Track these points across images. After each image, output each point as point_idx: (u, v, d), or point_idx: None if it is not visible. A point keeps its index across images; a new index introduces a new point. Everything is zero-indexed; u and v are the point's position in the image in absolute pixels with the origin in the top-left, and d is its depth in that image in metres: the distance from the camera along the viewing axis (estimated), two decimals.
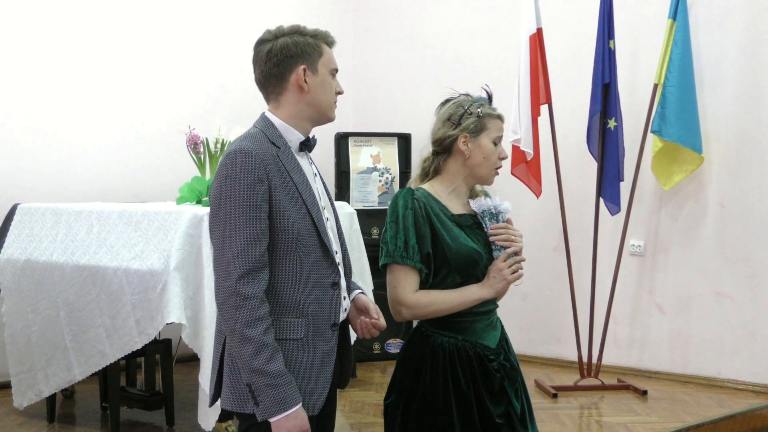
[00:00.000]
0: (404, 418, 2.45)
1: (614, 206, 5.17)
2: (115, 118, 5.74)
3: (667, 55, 5.11)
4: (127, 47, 5.79)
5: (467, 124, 2.49)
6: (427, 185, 2.52)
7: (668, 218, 5.54)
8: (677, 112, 5.07)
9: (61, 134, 5.51)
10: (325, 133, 5.85)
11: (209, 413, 3.85)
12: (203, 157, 4.76)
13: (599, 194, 5.22)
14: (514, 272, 2.46)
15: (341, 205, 5.08)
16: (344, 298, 2.33)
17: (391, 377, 2.55)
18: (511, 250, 2.46)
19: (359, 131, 6.38)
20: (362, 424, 4.58)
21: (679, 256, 5.49)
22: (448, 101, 2.58)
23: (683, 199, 5.46)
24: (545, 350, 5.94)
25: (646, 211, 5.56)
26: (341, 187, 6.03)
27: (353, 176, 6.03)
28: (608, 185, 5.16)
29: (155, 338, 4.14)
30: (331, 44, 2.31)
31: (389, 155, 6.10)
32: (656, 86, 5.14)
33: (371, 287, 5.06)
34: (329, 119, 2.34)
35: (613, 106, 5.09)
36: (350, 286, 2.41)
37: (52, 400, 4.54)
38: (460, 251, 2.42)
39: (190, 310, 3.90)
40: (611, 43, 5.09)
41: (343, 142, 6.06)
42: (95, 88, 5.65)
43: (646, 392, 5.11)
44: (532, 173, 5.15)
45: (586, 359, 5.29)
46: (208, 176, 4.68)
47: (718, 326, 5.36)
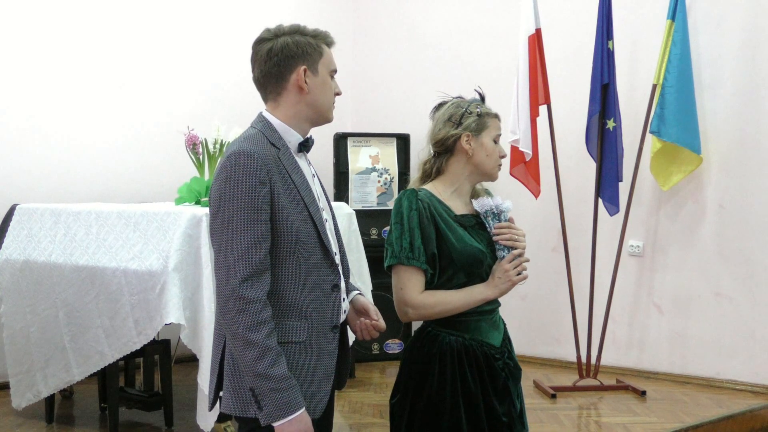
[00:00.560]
0: (411, 417, 2.46)
1: (613, 207, 5.17)
2: (114, 118, 5.74)
3: (665, 55, 5.11)
4: (126, 48, 5.79)
5: (468, 123, 2.52)
6: (429, 186, 2.53)
7: (667, 219, 5.54)
8: (676, 112, 5.07)
9: (60, 134, 5.51)
10: (324, 133, 5.88)
11: (208, 414, 3.86)
12: (202, 157, 4.76)
13: (598, 195, 5.22)
14: (518, 273, 2.49)
15: (340, 205, 5.08)
16: (343, 299, 2.33)
17: (396, 377, 2.55)
18: (517, 251, 2.49)
19: (358, 132, 6.38)
20: (361, 424, 4.57)
21: (678, 256, 5.50)
22: (442, 104, 2.60)
23: (682, 199, 5.47)
24: (544, 350, 5.94)
25: (644, 211, 5.56)
26: (340, 187, 6.03)
27: (352, 177, 6.03)
28: (607, 186, 5.16)
29: (154, 339, 4.14)
30: (330, 45, 2.30)
31: (388, 156, 6.10)
32: (655, 87, 5.14)
33: (370, 288, 5.04)
34: (328, 120, 2.32)
35: (611, 106, 5.10)
36: (348, 287, 2.40)
37: (50, 400, 4.54)
38: (465, 251, 2.44)
39: (188, 310, 3.90)
40: (610, 43, 5.09)
41: (341, 142, 6.06)
42: (95, 88, 5.65)
43: (644, 393, 5.11)
44: (530, 174, 5.15)
45: (584, 359, 5.29)
46: (206, 177, 4.68)
47: (717, 327, 5.36)
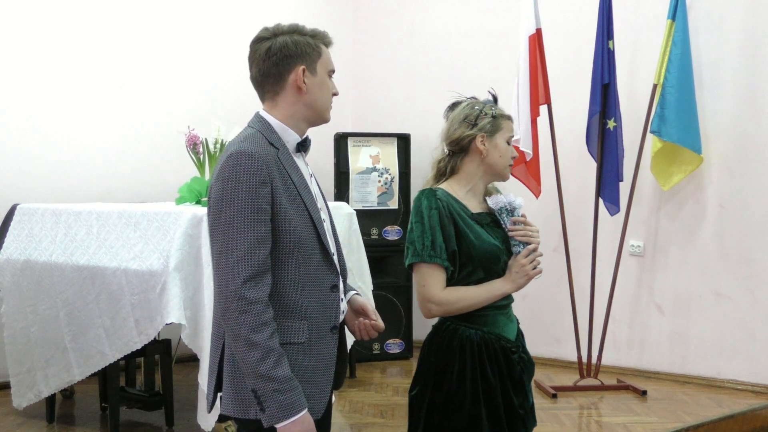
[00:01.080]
0: (430, 408, 2.52)
1: (613, 207, 5.17)
2: (114, 118, 5.74)
3: (666, 55, 5.11)
4: (126, 48, 5.79)
5: (483, 124, 2.58)
6: (445, 185, 2.59)
7: (667, 218, 5.54)
8: (676, 112, 5.07)
9: (60, 134, 5.51)
10: (324, 133, 5.88)
11: (208, 414, 3.85)
12: (202, 157, 4.76)
13: (598, 195, 5.22)
14: (534, 268, 2.58)
15: (340, 205, 5.08)
16: (342, 300, 2.32)
17: (415, 370, 2.61)
18: (532, 246, 2.58)
19: (358, 132, 6.38)
20: (362, 424, 4.58)
21: (678, 256, 5.49)
22: (456, 104, 2.66)
23: (682, 199, 5.47)
24: (545, 350, 5.93)
25: (645, 211, 5.56)
26: (340, 187, 6.03)
27: (352, 176, 6.03)
28: (607, 186, 5.16)
29: (155, 338, 4.14)
30: (328, 45, 2.30)
31: (388, 155, 6.10)
32: (655, 86, 5.14)
33: (371, 287, 5.05)
34: (325, 120, 2.32)
35: (612, 106, 5.10)
36: (345, 287, 2.40)
37: (51, 400, 4.54)
38: (483, 248, 2.51)
39: (189, 310, 3.90)
40: (610, 43, 5.09)
41: (342, 142, 6.06)
42: (95, 88, 5.65)
43: (645, 392, 5.11)
44: (531, 173, 5.15)
45: (585, 359, 5.29)
46: (207, 176, 4.68)
47: (717, 326, 5.36)
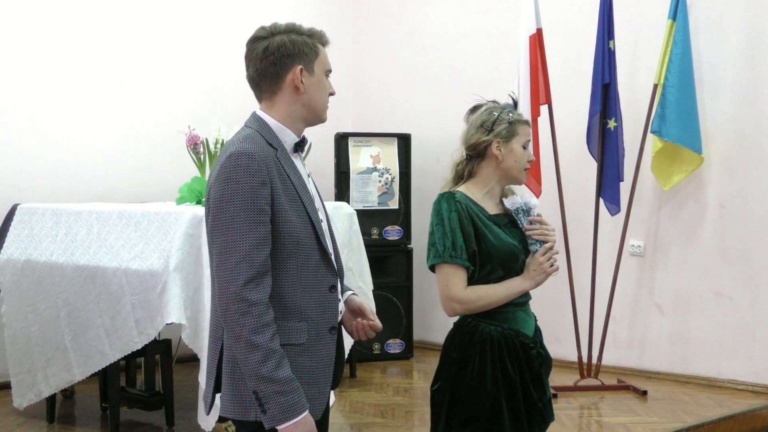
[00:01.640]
0: (451, 403, 2.57)
1: (614, 206, 5.17)
2: (114, 118, 5.75)
3: (666, 55, 5.11)
4: (126, 48, 5.79)
5: (499, 130, 2.64)
6: (463, 188, 2.66)
7: (668, 218, 5.54)
8: (677, 112, 5.07)
9: (61, 134, 5.51)
10: (324, 133, 5.89)
11: (208, 413, 3.85)
12: (203, 157, 4.76)
13: (599, 194, 5.22)
14: (551, 265, 2.64)
15: (341, 205, 5.08)
16: (339, 300, 2.32)
17: (437, 366, 2.66)
18: (549, 245, 2.64)
19: (359, 131, 6.37)
20: (362, 424, 4.58)
21: (678, 256, 5.49)
22: (477, 108, 2.72)
23: (683, 199, 5.46)
24: None
25: (645, 211, 5.56)
26: (341, 187, 6.02)
27: (353, 176, 6.02)
28: (608, 185, 5.16)
29: (155, 338, 4.14)
30: (325, 44, 2.29)
31: (389, 155, 6.09)
32: (656, 86, 5.14)
33: (371, 287, 5.05)
34: (322, 120, 2.31)
35: (612, 106, 5.10)
36: (342, 287, 2.39)
37: (51, 400, 4.54)
38: (502, 248, 2.59)
39: (189, 310, 3.91)
40: (611, 43, 5.09)
41: (342, 142, 6.06)
42: (95, 88, 5.65)
43: (645, 392, 5.11)
44: (531, 173, 5.14)
45: (585, 359, 5.29)
46: (207, 176, 4.68)
47: (717, 326, 5.35)
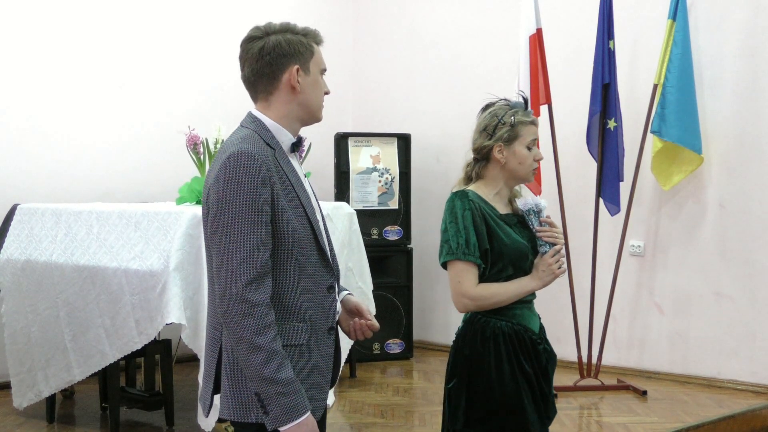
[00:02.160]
0: (470, 399, 2.60)
1: (614, 206, 5.17)
2: (114, 118, 5.75)
3: (666, 55, 5.11)
4: (126, 48, 5.79)
5: (501, 134, 2.65)
6: (473, 187, 2.69)
7: (668, 218, 5.54)
8: (677, 112, 5.07)
9: (61, 134, 5.51)
10: (324, 133, 5.90)
11: (210, 414, 3.85)
12: (203, 157, 4.76)
13: (599, 194, 5.22)
14: (559, 267, 2.68)
15: (341, 205, 5.08)
16: (337, 300, 2.32)
17: (449, 365, 2.68)
18: (558, 247, 2.67)
19: (359, 131, 6.37)
20: (362, 424, 4.58)
21: (678, 256, 5.49)
22: (488, 107, 2.73)
23: (683, 199, 5.46)
24: None
25: (645, 211, 5.56)
26: (341, 187, 6.02)
27: (353, 176, 6.02)
28: (608, 185, 5.16)
29: (155, 338, 4.14)
30: (320, 43, 2.28)
31: (389, 156, 6.09)
32: (656, 86, 5.14)
33: (371, 287, 5.05)
34: (318, 120, 2.31)
35: (612, 106, 5.10)
36: (339, 288, 2.39)
37: (51, 400, 4.54)
38: (513, 246, 2.63)
39: (189, 310, 3.91)
40: (611, 43, 5.09)
41: (342, 142, 6.06)
42: (95, 88, 5.65)
43: (645, 392, 5.10)
44: None
45: (585, 359, 5.29)
46: (205, 177, 4.68)
47: (717, 326, 5.35)
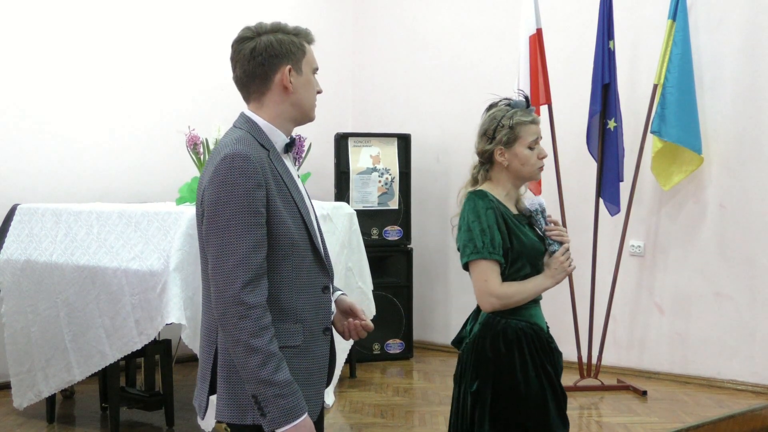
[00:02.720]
0: (495, 399, 2.62)
1: (614, 207, 5.17)
2: (114, 118, 5.74)
3: (666, 55, 5.11)
4: (126, 48, 5.79)
5: (500, 137, 2.68)
6: (485, 187, 2.71)
7: (668, 219, 5.53)
8: (677, 112, 5.07)
9: (60, 134, 5.50)
10: (324, 133, 5.90)
11: (209, 414, 3.85)
12: (203, 157, 4.76)
13: (599, 195, 5.22)
14: (569, 264, 2.73)
15: (340, 205, 5.08)
16: (331, 301, 2.32)
17: (470, 366, 2.67)
18: (567, 245, 2.71)
19: (359, 132, 6.37)
20: (362, 424, 4.58)
21: (678, 256, 5.49)
22: (490, 107, 2.76)
23: (683, 199, 5.46)
24: None
25: (645, 211, 5.56)
26: (341, 187, 6.02)
27: (353, 177, 6.02)
28: (608, 186, 5.16)
29: (155, 339, 4.14)
30: (311, 42, 2.28)
31: (389, 156, 6.09)
32: (656, 87, 5.14)
33: (371, 287, 5.04)
34: (311, 119, 2.31)
35: (612, 106, 5.10)
36: (333, 288, 2.38)
37: (51, 400, 4.54)
38: (531, 245, 2.67)
39: (189, 310, 3.90)
40: (611, 43, 5.09)
41: (342, 142, 6.06)
42: (95, 88, 5.65)
43: (645, 393, 5.10)
44: None
45: (585, 359, 5.29)
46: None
47: (717, 327, 5.35)
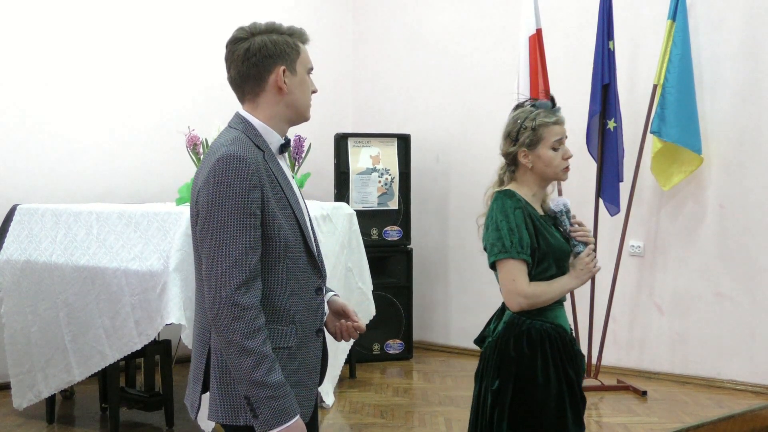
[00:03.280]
0: (515, 399, 2.64)
1: (614, 207, 5.17)
2: (114, 118, 5.74)
3: (666, 55, 5.11)
4: (125, 48, 5.79)
5: (523, 139, 2.69)
6: (512, 187, 2.71)
7: (668, 219, 5.54)
8: (676, 112, 5.07)
9: (60, 134, 5.51)
10: (324, 133, 5.90)
11: (206, 414, 3.85)
12: (202, 157, 4.76)
13: (599, 195, 5.22)
14: (594, 265, 2.72)
15: (340, 205, 5.08)
16: (324, 302, 2.31)
17: (492, 365, 2.68)
18: (592, 246, 2.72)
19: (359, 132, 6.38)
20: (362, 424, 4.58)
21: (678, 256, 5.49)
22: (518, 106, 2.78)
23: (683, 199, 5.46)
24: None
25: (645, 211, 5.56)
26: (341, 187, 6.02)
27: (353, 177, 6.02)
28: (608, 186, 5.16)
29: (155, 339, 4.15)
30: (305, 42, 2.28)
31: (389, 156, 6.09)
32: (656, 87, 5.14)
33: (371, 288, 5.04)
34: (305, 119, 2.30)
35: (612, 106, 5.10)
36: (325, 289, 2.37)
37: (51, 400, 4.54)
38: (557, 246, 2.67)
39: (189, 310, 3.90)
40: (611, 43, 5.09)
41: (342, 142, 6.06)
42: (95, 88, 5.65)
43: (645, 393, 5.10)
44: None
45: (585, 360, 5.28)
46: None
47: (717, 327, 5.35)
